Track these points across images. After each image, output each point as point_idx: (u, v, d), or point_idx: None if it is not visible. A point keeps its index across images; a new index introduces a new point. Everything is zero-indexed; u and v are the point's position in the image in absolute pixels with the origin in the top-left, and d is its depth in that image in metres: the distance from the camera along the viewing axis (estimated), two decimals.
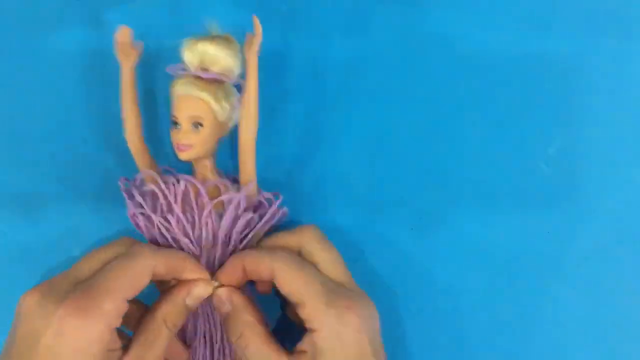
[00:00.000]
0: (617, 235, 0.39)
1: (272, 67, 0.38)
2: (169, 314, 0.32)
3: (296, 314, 0.31)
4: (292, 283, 0.31)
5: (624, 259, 0.39)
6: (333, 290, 0.31)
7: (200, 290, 0.33)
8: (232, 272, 0.33)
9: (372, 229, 0.39)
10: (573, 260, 0.39)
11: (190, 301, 0.33)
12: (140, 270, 0.30)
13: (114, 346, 0.30)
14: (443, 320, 0.39)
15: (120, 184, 0.36)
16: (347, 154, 0.39)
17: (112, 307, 0.28)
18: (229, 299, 0.33)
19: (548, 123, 0.39)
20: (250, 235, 0.35)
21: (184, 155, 0.35)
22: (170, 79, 0.38)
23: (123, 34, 0.35)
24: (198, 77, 0.35)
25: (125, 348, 0.31)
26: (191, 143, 0.34)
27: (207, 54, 0.34)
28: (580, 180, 0.39)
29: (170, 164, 0.38)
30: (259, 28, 0.34)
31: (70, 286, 0.29)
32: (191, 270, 0.33)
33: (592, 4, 0.39)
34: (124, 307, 0.29)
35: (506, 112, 0.39)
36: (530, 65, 0.39)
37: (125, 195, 0.36)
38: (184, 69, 0.35)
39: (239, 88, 0.35)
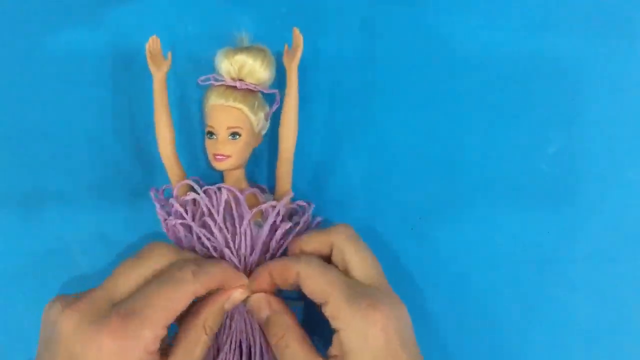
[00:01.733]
0: (617, 235, 0.39)
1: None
2: (208, 320, 0.32)
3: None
4: (315, 283, 0.31)
5: (624, 259, 0.39)
6: (357, 290, 0.31)
7: (239, 295, 0.33)
8: (261, 281, 0.33)
9: (372, 229, 0.39)
10: (573, 260, 0.39)
11: (228, 305, 0.33)
12: (181, 297, 0.30)
13: None
14: (443, 320, 0.39)
15: (152, 194, 0.36)
16: (346, 153, 0.39)
17: (151, 334, 0.29)
18: (267, 304, 0.33)
19: (548, 123, 0.39)
20: (286, 244, 0.35)
21: (221, 165, 0.35)
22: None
23: (154, 44, 0.35)
24: (233, 88, 0.35)
25: (164, 352, 0.31)
26: (229, 153, 0.34)
27: (245, 65, 0.34)
28: (580, 180, 0.39)
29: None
30: (300, 40, 0.35)
31: (109, 306, 0.29)
32: (232, 281, 0.33)
33: (592, 4, 0.39)
34: (163, 333, 0.29)
35: (506, 112, 0.39)
36: (531, 65, 0.39)
37: (157, 205, 0.35)
38: (217, 80, 0.35)
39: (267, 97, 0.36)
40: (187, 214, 0.35)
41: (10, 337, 0.38)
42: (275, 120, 0.37)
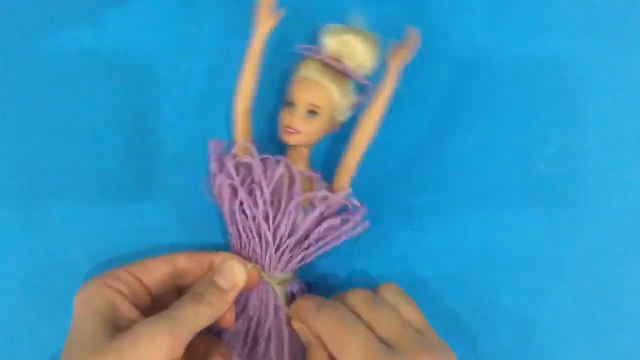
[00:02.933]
0: (617, 235, 0.39)
1: (271, 66, 0.38)
2: (196, 286, 0.31)
3: None
4: (330, 342, 0.30)
5: (624, 259, 0.39)
6: (375, 353, 0.28)
7: (231, 267, 0.32)
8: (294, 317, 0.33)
9: (373, 229, 0.39)
10: (573, 260, 0.39)
11: (222, 281, 0.31)
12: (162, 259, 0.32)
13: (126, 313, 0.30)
14: (443, 320, 0.39)
15: (210, 145, 0.35)
16: None
17: (123, 273, 0.31)
18: (302, 333, 0.33)
19: (548, 123, 0.39)
20: (327, 240, 0.34)
21: (290, 139, 0.33)
22: None
23: None
24: (329, 65, 0.33)
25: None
26: (301, 129, 0.33)
27: (349, 46, 0.33)
28: (579, 180, 0.39)
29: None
30: (414, 41, 0.33)
31: None
32: (219, 254, 0.33)
33: (592, 4, 0.39)
34: (128, 278, 0.31)
35: (506, 112, 0.39)
36: (530, 65, 0.39)
37: (213, 156, 0.34)
38: (313, 52, 0.34)
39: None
40: (237, 176, 0.33)
41: (12, 336, 0.38)
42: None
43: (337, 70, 0.34)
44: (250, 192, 0.33)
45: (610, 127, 0.40)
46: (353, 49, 0.33)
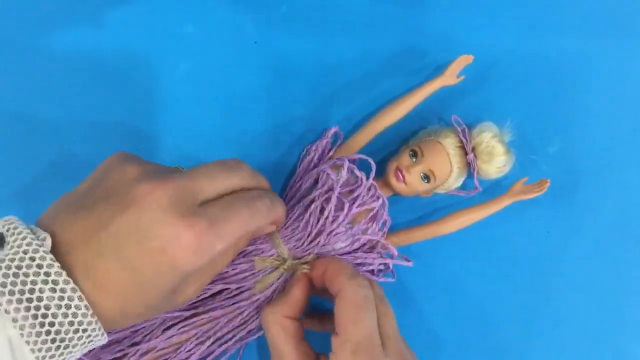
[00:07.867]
0: (617, 235, 0.39)
1: (272, 66, 0.38)
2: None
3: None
4: (345, 314, 0.31)
5: (624, 259, 0.39)
6: (373, 344, 0.30)
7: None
8: (317, 272, 0.34)
9: None
10: (573, 260, 0.39)
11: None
12: (252, 226, 0.31)
13: None
14: (442, 319, 0.39)
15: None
16: None
17: (223, 247, 0.29)
18: (299, 281, 0.34)
19: (548, 123, 0.39)
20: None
21: (398, 185, 0.35)
22: None
23: None
24: (462, 149, 0.36)
25: None
26: (409, 182, 0.35)
27: (493, 155, 0.35)
28: (580, 180, 0.39)
29: None
30: (541, 190, 0.36)
31: (194, 203, 0.29)
32: (282, 221, 0.34)
33: (592, 4, 0.39)
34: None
35: (506, 112, 0.39)
36: (531, 65, 0.39)
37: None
38: (462, 132, 0.36)
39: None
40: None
41: None
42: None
43: (466, 159, 0.36)
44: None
45: (611, 127, 0.40)
46: (495, 159, 0.35)
